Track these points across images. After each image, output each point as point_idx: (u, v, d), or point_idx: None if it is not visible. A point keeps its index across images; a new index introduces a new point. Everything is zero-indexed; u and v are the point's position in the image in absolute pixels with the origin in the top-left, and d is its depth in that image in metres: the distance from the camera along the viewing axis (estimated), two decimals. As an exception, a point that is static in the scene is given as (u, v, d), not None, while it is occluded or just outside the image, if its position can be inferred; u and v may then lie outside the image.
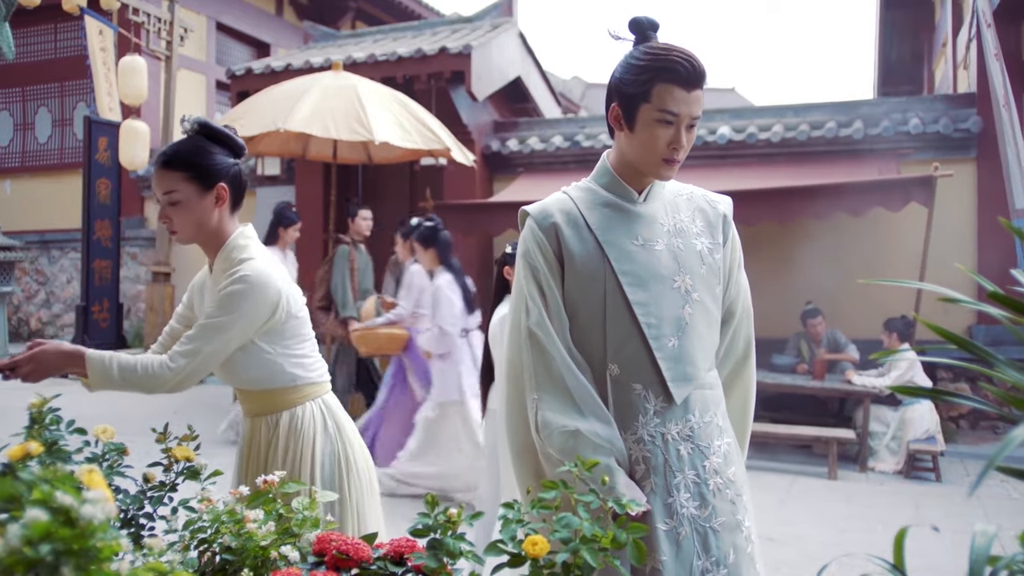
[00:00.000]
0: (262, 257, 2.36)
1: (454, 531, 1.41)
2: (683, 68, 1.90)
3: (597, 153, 10.22)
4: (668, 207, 2.08)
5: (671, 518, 1.90)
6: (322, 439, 2.43)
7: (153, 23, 10.04)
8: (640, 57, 1.94)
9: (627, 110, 1.98)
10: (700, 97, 1.94)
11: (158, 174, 2.32)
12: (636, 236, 2.01)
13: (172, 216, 2.32)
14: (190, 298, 2.54)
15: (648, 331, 1.94)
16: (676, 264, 2.00)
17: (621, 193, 2.06)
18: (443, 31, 11.73)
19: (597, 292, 1.97)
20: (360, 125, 7.35)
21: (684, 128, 1.94)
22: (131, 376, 2.21)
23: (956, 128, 8.87)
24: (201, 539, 1.56)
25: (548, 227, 2.02)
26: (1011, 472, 1.13)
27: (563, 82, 22.78)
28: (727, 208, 2.15)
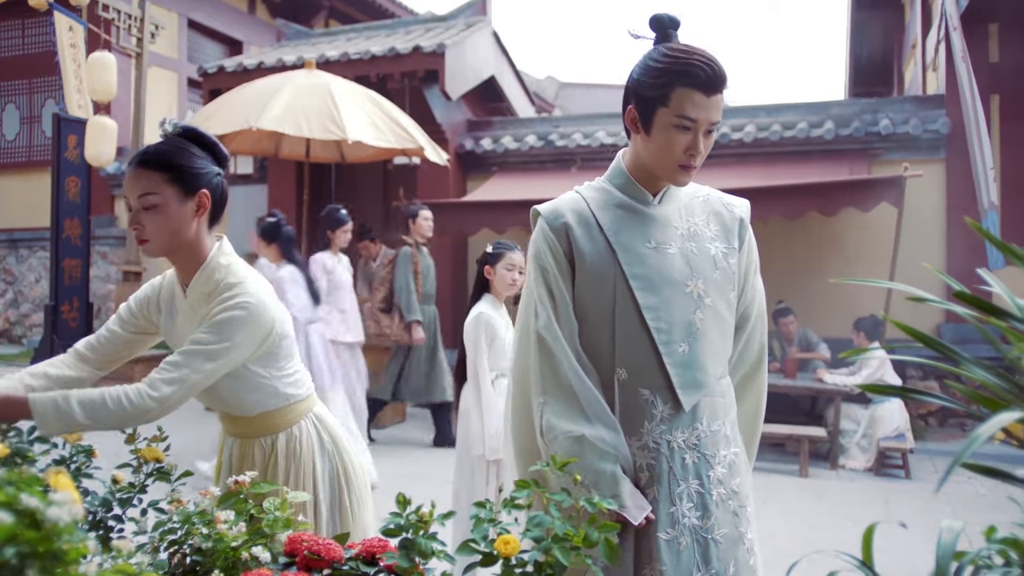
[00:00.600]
0: (253, 278, 2.20)
1: (426, 530, 1.40)
2: (703, 72, 1.83)
3: (571, 152, 10.29)
4: (683, 210, 2.04)
5: (673, 527, 1.87)
6: (320, 458, 2.35)
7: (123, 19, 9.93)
8: (659, 59, 1.88)
9: (644, 113, 1.92)
10: (720, 102, 1.87)
11: (134, 174, 2.10)
12: (649, 239, 1.96)
13: (145, 222, 2.10)
14: (142, 309, 2.32)
15: (658, 336, 1.91)
16: (688, 268, 1.96)
17: (635, 195, 2.02)
18: (417, 30, 11.70)
19: (607, 294, 1.94)
20: (333, 124, 7.33)
21: (702, 133, 1.88)
22: (100, 412, 1.94)
23: (925, 129, 8.97)
24: (171, 540, 1.55)
25: (559, 227, 1.98)
26: (977, 469, 1.14)
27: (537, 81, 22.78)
28: (744, 211, 2.11)
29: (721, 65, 1.86)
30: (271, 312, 2.18)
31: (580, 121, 10.95)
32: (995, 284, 1.25)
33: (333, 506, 2.37)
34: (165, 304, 2.29)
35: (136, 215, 2.11)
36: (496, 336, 4.02)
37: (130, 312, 2.32)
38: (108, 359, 2.30)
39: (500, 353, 4.04)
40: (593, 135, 10.30)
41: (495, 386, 4.04)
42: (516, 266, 4.05)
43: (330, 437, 2.40)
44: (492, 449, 3.93)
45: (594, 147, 10.19)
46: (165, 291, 2.31)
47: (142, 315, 2.32)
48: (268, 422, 2.30)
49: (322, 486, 2.34)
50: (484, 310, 4.05)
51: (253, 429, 2.31)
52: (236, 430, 2.34)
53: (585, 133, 10.39)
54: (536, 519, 1.37)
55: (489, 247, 4.13)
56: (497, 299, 4.11)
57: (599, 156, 10.24)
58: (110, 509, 1.76)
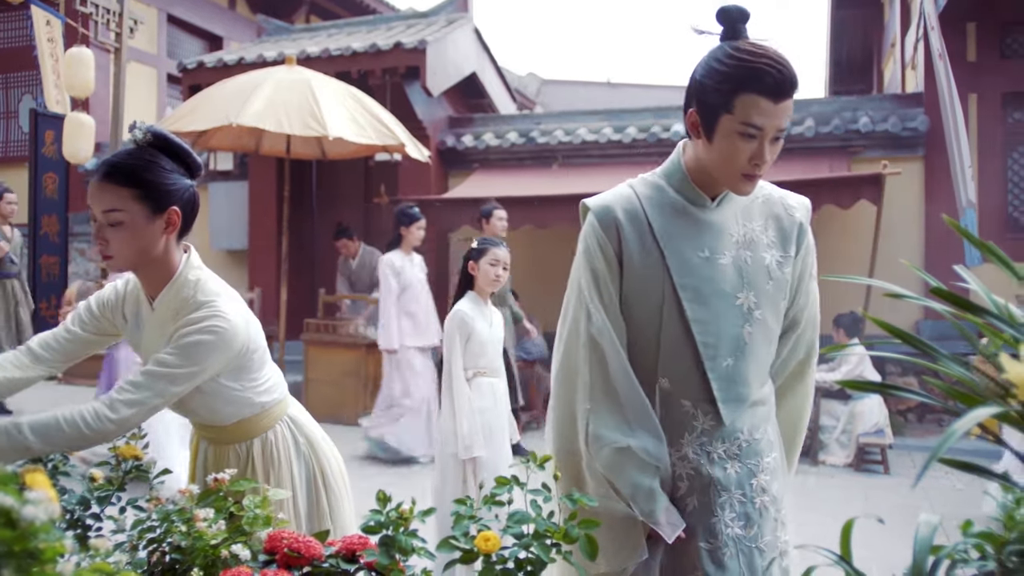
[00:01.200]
0: (226, 294, 2.10)
1: (406, 528, 1.40)
2: (772, 77, 1.70)
3: (552, 149, 10.30)
4: (741, 213, 1.93)
5: (715, 538, 1.84)
6: (296, 461, 2.32)
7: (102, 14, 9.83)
8: (724, 61, 1.74)
9: (706, 119, 1.79)
10: (789, 107, 1.75)
11: (99, 187, 1.97)
12: (702, 247, 1.87)
13: (110, 238, 1.98)
14: (104, 312, 2.22)
15: (704, 351, 1.84)
16: (740, 280, 1.88)
17: (692, 197, 1.90)
18: (398, 26, 11.66)
19: (654, 302, 1.86)
20: (314, 120, 7.30)
21: (768, 141, 1.77)
22: (56, 436, 1.82)
23: (904, 127, 9.03)
24: (150, 539, 1.54)
25: (609, 224, 1.88)
26: (954, 464, 1.15)
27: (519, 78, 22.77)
28: (804, 215, 2.03)
29: (792, 67, 1.74)
30: (241, 334, 2.08)
31: (561, 118, 10.96)
32: (972, 281, 1.26)
33: (311, 507, 2.34)
34: (131, 313, 2.20)
35: (100, 230, 1.99)
36: (473, 334, 4.02)
37: (91, 314, 2.22)
38: (65, 359, 2.20)
39: (478, 351, 4.04)
40: (574, 132, 10.30)
41: (472, 385, 4.04)
42: (500, 261, 4.06)
43: (305, 439, 2.37)
44: (465, 448, 3.92)
45: (575, 144, 10.20)
46: (130, 299, 2.21)
47: (104, 318, 2.22)
48: (243, 429, 2.26)
49: (300, 488, 2.32)
50: (463, 307, 4.05)
51: (228, 436, 2.27)
52: (210, 436, 2.30)
53: (567, 130, 10.40)
54: (517, 516, 1.37)
55: (474, 242, 4.13)
56: (480, 296, 4.11)
57: (580, 153, 10.25)
58: (88, 507, 1.75)
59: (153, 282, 2.09)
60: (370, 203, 10.82)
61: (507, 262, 4.07)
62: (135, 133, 2.01)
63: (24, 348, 2.16)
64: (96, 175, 1.98)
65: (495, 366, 4.12)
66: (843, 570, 1.21)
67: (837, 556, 1.22)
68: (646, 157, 9.74)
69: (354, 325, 8.45)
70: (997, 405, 1.00)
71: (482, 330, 4.04)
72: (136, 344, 2.22)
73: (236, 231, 11.43)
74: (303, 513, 2.31)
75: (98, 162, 2.16)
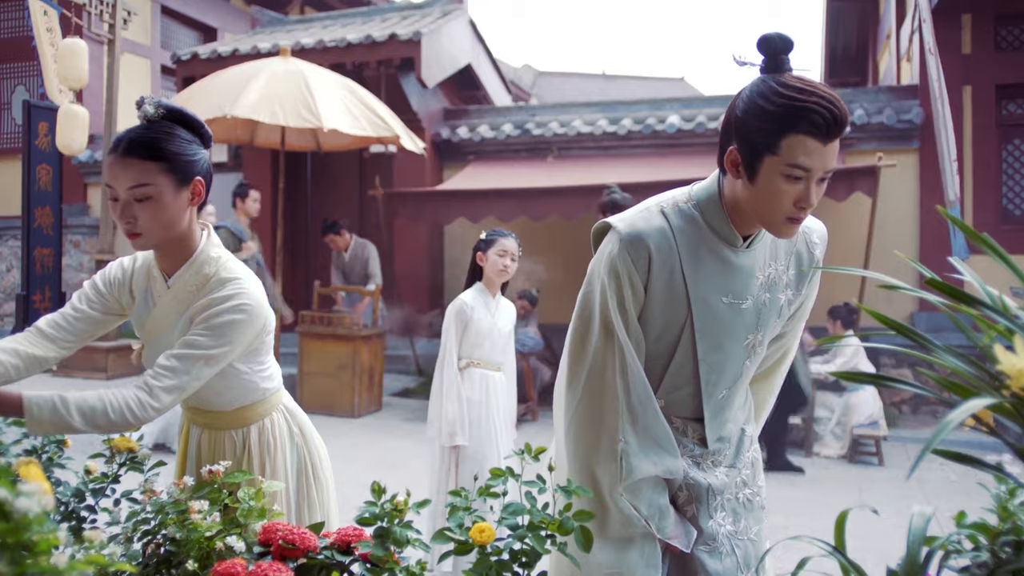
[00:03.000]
0: (247, 274, 2.09)
1: (401, 519, 1.40)
2: (822, 116, 1.60)
3: (548, 141, 10.28)
4: (768, 254, 1.88)
5: (713, 540, 1.89)
6: (290, 450, 2.32)
7: (95, 5, 9.80)
8: (772, 99, 1.63)
9: (749, 159, 1.69)
10: (836, 147, 1.65)
11: (122, 163, 1.93)
12: (727, 292, 1.82)
13: (138, 215, 1.94)
14: (111, 291, 2.17)
15: (706, 387, 1.87)
16: (756, 322, 1.87)
17: (726, 235, 1.82)
18: (393, 17, 11.63)
19: (669, 336, 1.84)
20: (308, 112, 7.28)
21: (815, 183, 1.67)
22: (101, 420, 1.83)
23: (899, 119, 9.03)
24: (145, 531, 1.54)
25: (641, 256, 1.77)
26: (948, 455, 1.15)
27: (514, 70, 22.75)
28: (823, 249, 1.99)
29: (842, 106, 1.63)
30: (263, 314, 2.08)
31: (557, 110, 10.95)
32: (966, 272, 1.26)
33: (300, 498, 2.34)
34: (139, 290, 2.15)
35: (127, 207, 1.94)
36: (470, 324, 4.03)
37: (97, 292, 2.16)
38: (74, 339, 2.13)
39: (474, 342, 4.05)
40: (570, 124, 10.29)
41: (464, 375, 4.05)
42: (508, 252, 4.05)
43: (299, 429, 2.37)
44: (449, 435, 3.95)
45: (570, 136, 10.19)
46: (139, 276, 2.16)
47: (111, 296, 2.17)
48: (242, 415, 2.25)
49: (291, 478, 2.32)
50: (466, 298, 4.06)
51: (226, 422, 2.25)
52: (205, 421, 2.27)
53: (562, 122, 10.39)
54: (511, 507, 1.37)
55: (483, 234, 4.14)
56: (488, 287, 4.11)
57: (575, 145, 10.24)
58: (83, 499, 1.75)
59: (173, 258, 2.06)
60: (365, 195, 10.81)
61: (515, 253, 4.07)
62: (146, 108, 1.95)
63: (32, 328, 2.09)
64: (116, 151, 1.93)
65: (494, 359, 4.12)
66: (837, 561, 1.21)
67: (831, 547, 1.22)
68: (641, 149, 9.74)
69: (349, 318, 8.44)
70: (991, 397, 1.00)
71: (481, 320, 4.03)
72: (141, 323, 2.16)
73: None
74: (292, 503, 2.31)
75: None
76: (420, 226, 10.30)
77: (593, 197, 7.54)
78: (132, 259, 2.20)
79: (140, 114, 1.96)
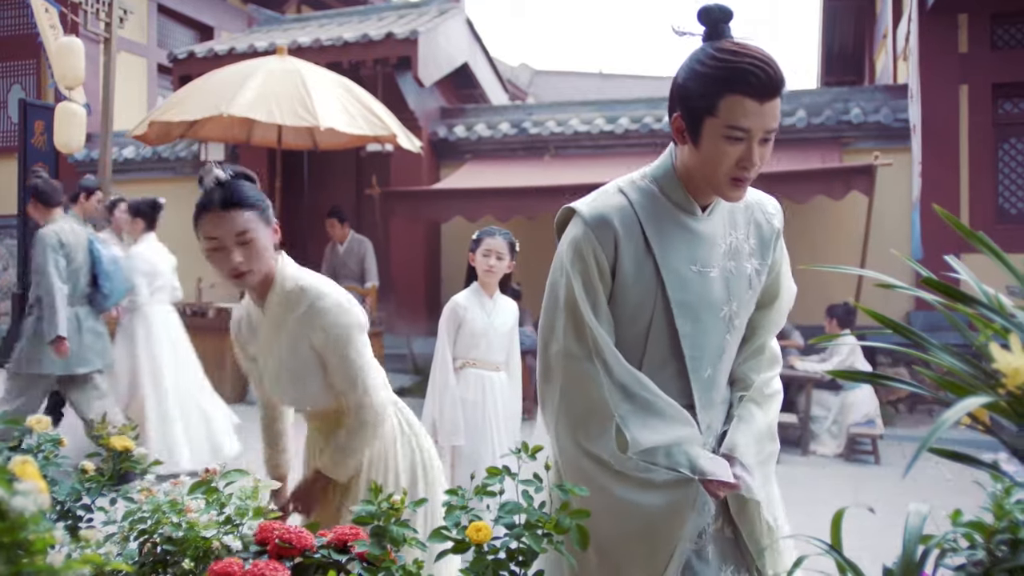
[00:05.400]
0: (320, 279, 2.36)
1: (398, 518, 1.40)
2: (756, 77, 1.64)
3: (545, 140, 10.29)
4: (728, 222, 1.90)
5: (700, 537, 1.85)
6: (401, 445, 2.47)
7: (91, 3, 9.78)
8: (706, 63, 1.69)
9: (691, 123, 1.73)
10: (776, 108, 1.69)
11: (224, 216, 2.18)
12: (694, 260, 1.83)
13: (245, 257, 2.20)
14: (245, 349, 2.50)
15: (691, 363, 1.83)
16: (727, 292, 1.87)
17: (684, 205, 1.85)
18: (390, 16, 11.63)
19: (643, 316, 1.82)
20: (305, 111, 7.28)
21: (757, 143, 1.70)
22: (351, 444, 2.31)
23: (896, 118, 9.04)
24: (141, 530, 1.54)
25: (607, 236, 1.79)
26: (944, 454, 1.16)
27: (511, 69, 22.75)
28: (780, 221, 2.02)
29: (777, 66, 1.68)
30: (355, 305, 2.35)
31: (554, 109, 10.95)
32: (962, 271, 1.26)
33: (412, 492, 2.45)
34: (247, 330, 2.45)
35: (231, 253, 2.19)
36: (464, 324, 4.03)
37: (245, 358, 2.51)
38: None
39: (469, 342, 4.05)
40: (567, 123, 10.29)
41: (459, 375, 4.06)
42: (492, 251, 4.06)
43: (408, 424, 2.53)
44: (443, 435, 3.97)
45: (567, 135, 10.19)
46: (243, 322, 2.46)
47: (245, 351, 2.49)
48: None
49: (403, 473, 2.44)
50: (460, 298, 4.07)
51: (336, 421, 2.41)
52: (317, 425, 2.49)
53: (559, 121, 10.39)
54: (508, 506, 1.37)
55: (476, 234, 4.14)
56: (483, 287, 4.11)
57: (572, 144, 10.24)
58: (79, 498, 1.75)
59: (263, 287, 2.32)
60: (362, 194, 10.81)
61: (499, 251, 4.06)
62: (217, 175, 2.21)
63: (262, 413, 2.61)
64: (213, 207, 2.18)
65: (491, 359, 4.11)
66: (833, 560, 1.21)
67: (827, 546, 1.22)
68: (638, 148, 9.74)
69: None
70: (986, 395, 1.00)
71: (475, 320, 4.03)
72: (252, 356, 2.45)
73: (228, 222, 11.40)
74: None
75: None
76: (417, 225, 10.30)
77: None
78: (235, 324, 2.49)
79: (210, 180, 2.21)
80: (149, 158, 12.17)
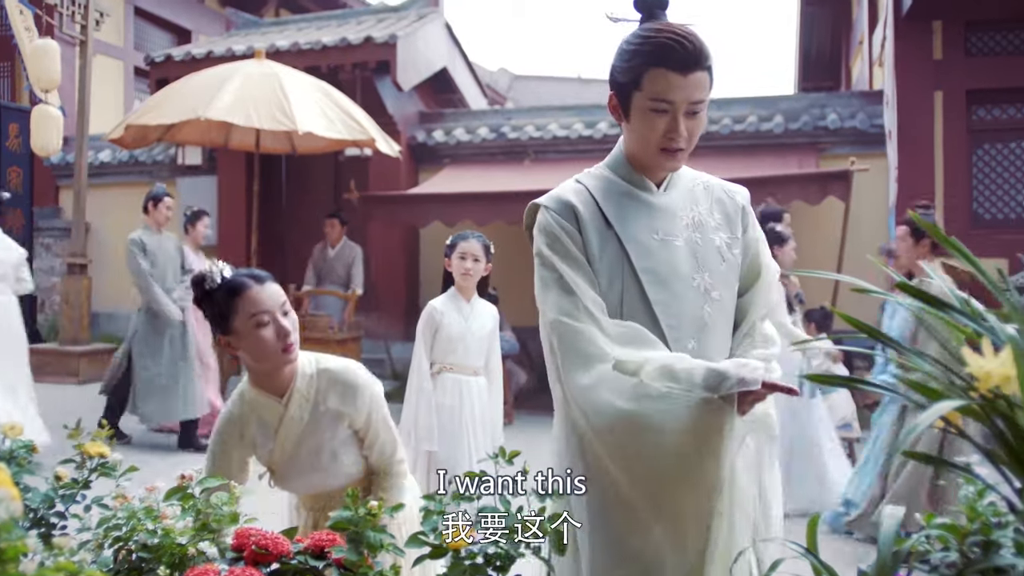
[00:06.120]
0: (337, 360, 2.44)
1: (375, 525, 1.40)
2: (675, 50, 1.73)
3: (523, 145, 10.30)
4: (687, 198, 1.94)
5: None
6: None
7: (67, 5, 9.71)
8: (632, 41, 1.80)
9: (622, 100, 1.84)
10: (700, 80, 1.76)
11: (271, 287, 2.25)
12: (655, 230, 1.86)
13: (293, 326, 2.26)
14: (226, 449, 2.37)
15: (669, 332, 1.81)
16: (695, 261, 1.87)
17: (637, 183, 1.91)
18: (368, 20, 11.61)
19: (615, 289, 1.83)
20: (283, 114, 7.25)
21: (683, 115, 1.78)
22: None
23: (872, 124, 9.12)
24: (116, 537, 1.52)
25: (568, 214, 1.86)
26: (916, 456, 1.17)
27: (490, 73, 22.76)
28: (745, 199, 2.04)
29: (698, 39, 1.76)
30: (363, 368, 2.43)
31: (532, 113, 10.96)
32: (935, 276, 1.27)
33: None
34: (260, 434, 2.33)
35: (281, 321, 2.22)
36: (440, 328, 4.03)
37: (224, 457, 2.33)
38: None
39: (446, 347, 4.04)
40: (545, 127, 10.31)
41: (436, 381, 4.05)
42: (468, 254, 4.05)
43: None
44: (419, 440, 3.96)
45: (546, 139, 10.21)
46: (249, 429, 2.32)
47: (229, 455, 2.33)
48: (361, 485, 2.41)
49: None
50: (436, 303, 4.07)
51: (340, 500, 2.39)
52: (321, 505, 2.43)
53: (537, 125, 10.40)
54: (485, 511, 1.37)
55: (450, 239, 4.14)
56: (460, 292, 4.10)
57: (551, 148, 10.25)
58: (52, 506, 1.73)
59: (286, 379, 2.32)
60: (340, 198, 10.77)
61: (475, 254, 4.05)
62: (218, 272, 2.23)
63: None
64: (262, 282, 2.24)
65: (469, 363, 4.10)
66: (810, 563, 1.22)
67: (804, 549, 1.23)
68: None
69: (323, 320, 8.39)
70: (959, 399, 1.01)
71: (452, 325, 4.03)
72: (272, 451, 2.33)
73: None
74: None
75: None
76: (395, 229, 10.28)
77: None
78: (226, 431, 2.33)
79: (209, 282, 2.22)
80: (125, 162, 12.08)
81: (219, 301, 2.21)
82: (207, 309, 2.25)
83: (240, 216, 10.83)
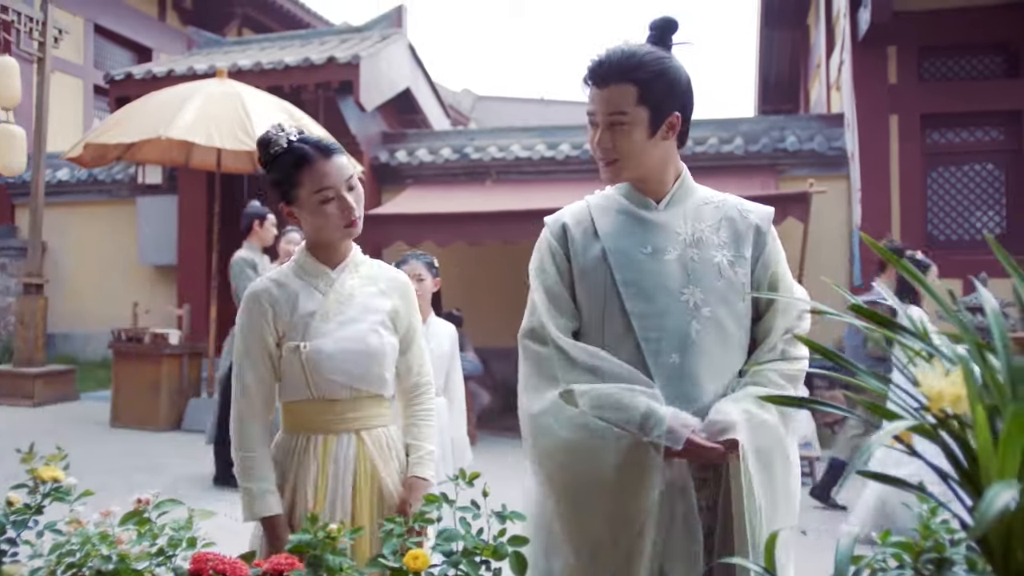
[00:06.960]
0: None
1: (334, 548, 1.39)
2: (591, 67, 1.89)
3: (486, 165, 10.33)
4: (689, 214, 1.97)
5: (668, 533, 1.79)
6: (397, 466, 2.33)
7: (24, 22, 9.60)
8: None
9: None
10: (615, 95, 1.85)
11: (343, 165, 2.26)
12: (646, 244, 1.91)
13: (356, 202, 2.23)
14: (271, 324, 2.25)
15: (646, 345, 1.82)
16: (685, 276, 1.88)
17: (637, 200, 1.98)
18: (331, 40, 11.60)
19: (597, 300, 1.89)
20: (245, 134, 7.22)
21: (604, 128, 1.89)
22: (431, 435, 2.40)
23: (830, 146, 9.27)
24: (69, 563, 1.50)
25: (559, 230, 1.99)
26: (872, 476, 1.18)
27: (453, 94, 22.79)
28: (761, 218, 2.04)
29: (616, 57, 1.86)
30: None
31: (495, 134, 11.00)
32: (888, 296, 1.29)
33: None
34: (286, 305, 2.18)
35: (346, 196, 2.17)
36: None
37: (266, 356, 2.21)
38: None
39: None
40: (508, 148, 10.35)
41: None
42: (412, 275, 4.01)
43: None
44: None
45: (509, 160, 10.25)
46: (282, 298, 2.19)
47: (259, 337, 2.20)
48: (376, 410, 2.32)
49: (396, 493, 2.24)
50: None
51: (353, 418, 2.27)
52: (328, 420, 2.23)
53: (500, 146, 10.44)
54: (445, 533, 1.36)
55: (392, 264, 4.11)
56: None
57: (514, 169, 10.29)
58: (3, 532, 1.69)
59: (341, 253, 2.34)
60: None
61: (420, 274, 4.01)
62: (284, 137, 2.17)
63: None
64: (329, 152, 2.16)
65: None
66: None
67: (762, 568, 1.24)
68: (579, 174, 9.82)
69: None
70: (911, 419, 1.03)
71: None
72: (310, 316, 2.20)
73: (165, 246, 11.20)
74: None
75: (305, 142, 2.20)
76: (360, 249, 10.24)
77: (531, 221, 7.57)
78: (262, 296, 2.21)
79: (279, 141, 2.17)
80: (84, 180, 11.94)
81: (284, 169, 2.13)
82: (271, 174, 2.17)
83: (201, 236, 10.73)
